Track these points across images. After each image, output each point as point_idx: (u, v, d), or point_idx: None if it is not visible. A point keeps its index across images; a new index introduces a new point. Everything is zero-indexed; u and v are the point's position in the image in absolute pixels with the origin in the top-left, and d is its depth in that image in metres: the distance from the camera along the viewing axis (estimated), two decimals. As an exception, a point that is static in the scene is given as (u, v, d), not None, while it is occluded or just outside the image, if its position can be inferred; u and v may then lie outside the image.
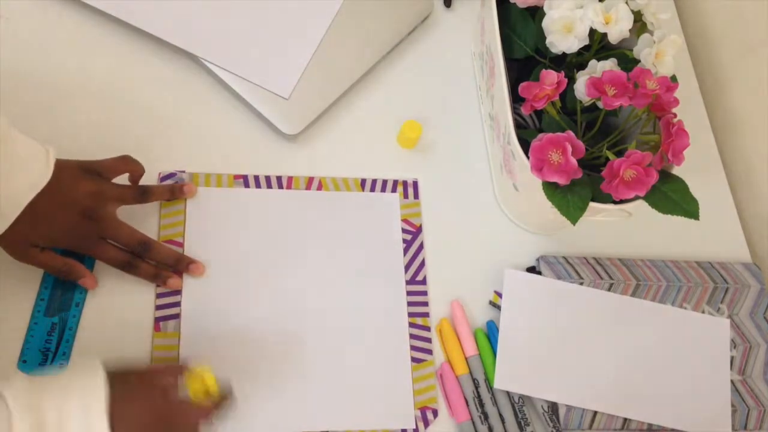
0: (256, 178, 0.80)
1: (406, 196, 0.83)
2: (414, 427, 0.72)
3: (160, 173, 0.78)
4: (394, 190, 0.83)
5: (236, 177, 0.80)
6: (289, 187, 0.81)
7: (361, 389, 0.73)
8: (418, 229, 0.82)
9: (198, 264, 0.73)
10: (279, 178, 0.81)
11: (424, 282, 0.79)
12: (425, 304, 0.78)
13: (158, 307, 0.72)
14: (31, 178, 0.61)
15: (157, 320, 0.72)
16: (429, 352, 0.76)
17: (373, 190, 0.82)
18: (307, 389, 0.72)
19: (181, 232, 0.76)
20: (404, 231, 0.81)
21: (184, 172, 0.78)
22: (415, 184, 0.84)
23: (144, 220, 0.75)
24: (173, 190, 0.75)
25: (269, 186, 0.80)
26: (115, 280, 0.73)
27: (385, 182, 0.83)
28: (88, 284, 0.70)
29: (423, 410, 0.73)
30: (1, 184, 0.58)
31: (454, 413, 0.73)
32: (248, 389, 0.71)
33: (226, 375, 0.70)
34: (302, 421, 0.71)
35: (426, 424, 0.73)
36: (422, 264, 0.80)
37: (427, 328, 0.77)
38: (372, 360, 0.75)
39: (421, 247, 0.81)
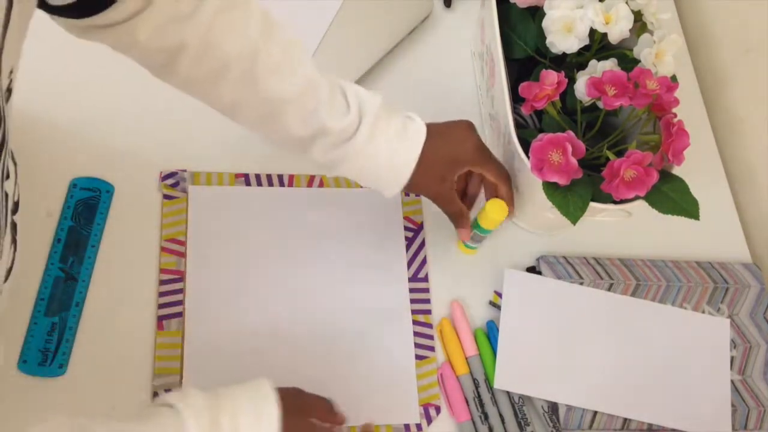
0: (258, 176, 0.80)
1: (407, 193, 0.83)
2: (418, 421, 0.72)
3: (161, 172, 0.78)
4: None
5: (237, 176, 0.80)
6: (290, 185, 0.81)
7: (365, 386, 0.73)
8: (420, 227, 0.82)
9: None
10: (280, 177, 0.81)
11: (426, 279, 0.79)
12: (427, 301, 0.78)
13: (161, 306, 0.72)
14: None
15: (160, 319, 0.72)
16: (431, 349, 0.76)
17: None
18: (311, 386, 0.72)
19: (183, 231, 0.76)
20: (406, 228, 0.81)
21: (185, 171, 0.78)
22: None
23: (145, 219, 0.76)
24: None
25: (270, 184, 0.80)
26: (115, 279, 0.73)
27: None
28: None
29: (426, 407, 0.73)
30: None
31: (455, 413, 0.73)
32: None
33: (231, 373, 0.70)
34: None
35: (429, 420, 0.73)
36: (424, 261, 0.80)
37: (429, 325, 0.77)
38: (376, 356, 0.74)
39: (422, 244, 0.81)
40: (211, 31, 0.58)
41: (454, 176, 0.71)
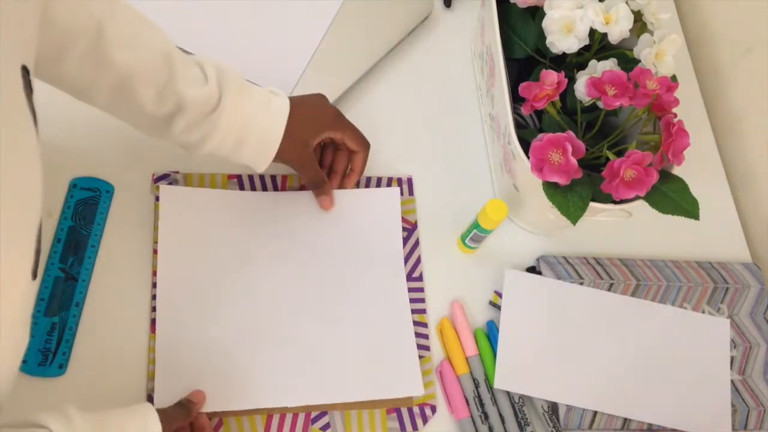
0: (251, 177, 0.80)
1: (401, 193, 0.83)
2: (422, 393, 0.72)
3: (153, 174, 0.77)
4: (389, 186, 0.83)
5: (230, 177, 0.79)
6: (283, 187, 0.80)
7: (368, 374, 0.72)
8: (414, 226, 0.81)
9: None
10: (273, 178, 0.80)
11: (420, 279, 0.79)
12: (422, 300, 0.78)
13: (155, 309, 0.72)
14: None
15: (154, 321, 0.71)
16: (427, 348, 0.76)
17: (368, 186, 0.82)
18: (301, 386, 0.71)
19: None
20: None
21: (177, 173, 0.78)
22: (410, 181, 0.83)
23: (146, 219, 0.76)
24: None
25: (264, 187, 0.80)
26: (115, 279, 0.73)
27: (379, 179, 0.83)
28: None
29: (422, 407, 0.73)
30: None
31: (454, 410, 0.73)
32: (253, 376, 0.70)
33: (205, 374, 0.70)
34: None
35: (425, 420, 0.73)
36: (418, 261, 0.80)
37: (425, 324, 0.77)
38: (377, 348, 0.74)
39: (417, 243, 0.80)
40: (49, 7, 0.55)
41: (315, 142, 0.73)
